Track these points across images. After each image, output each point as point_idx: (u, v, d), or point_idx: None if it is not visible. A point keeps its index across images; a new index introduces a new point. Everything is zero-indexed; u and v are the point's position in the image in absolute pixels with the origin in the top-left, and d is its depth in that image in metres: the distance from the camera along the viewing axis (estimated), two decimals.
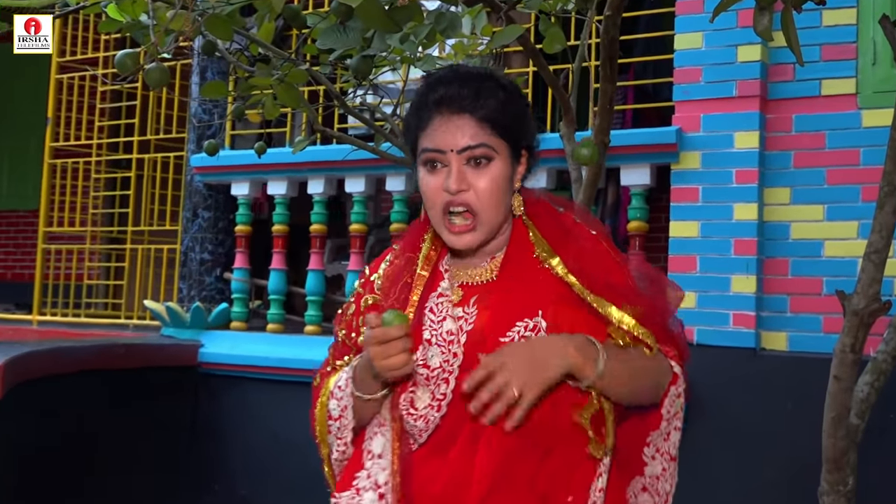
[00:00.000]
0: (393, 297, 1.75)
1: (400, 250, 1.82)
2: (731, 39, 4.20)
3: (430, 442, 1.67)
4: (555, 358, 1.56)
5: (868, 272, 2.06)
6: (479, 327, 1.67)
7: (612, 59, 2.96)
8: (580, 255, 1.72)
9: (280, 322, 5.37)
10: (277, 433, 5.18)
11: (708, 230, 4.21)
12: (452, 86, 1.66)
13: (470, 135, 1.64)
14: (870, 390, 2.30)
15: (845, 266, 4.00)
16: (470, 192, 1.64)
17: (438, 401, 1.65)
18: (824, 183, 4.08)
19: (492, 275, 1.72)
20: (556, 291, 1.68)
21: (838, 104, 4.07)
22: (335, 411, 1.77)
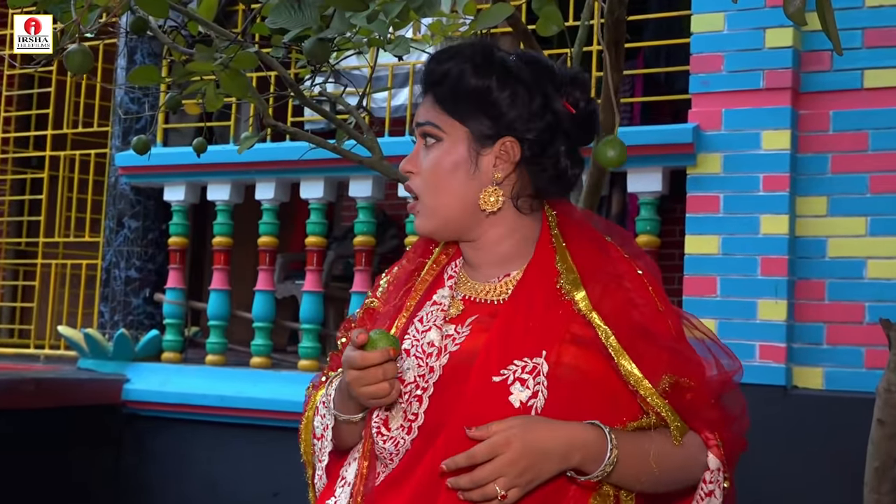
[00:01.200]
0: (392, 302, 1.81)
1: (412, 253, 1.88)
2: (758, 21, 4.25)
3: (396, 469, 1.69)
4: (551, 463, 1.59)
5: None
6: (468, 352, 1.68)
7: (619, 44, 3.00)
8: (615, 294, 1.70)
9: (221, 353, 5.36)
10: (218, 486, 5.17)
11: (730, 246, 4.25)
12: (430, 61, 1.77)
13: (424, 111, 1.75)
14: None
15: (892, 290, 4.05)
16: (418, 176, 1.75)
17: (409, 421, 1.67)
18: (867, 191, 4.13)
19: (501, 296, 1.73)
20: (570, 330, 1.67)
21: (883, 98, 4.12)
22: (318, 430, 1.82)
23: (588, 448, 1.60)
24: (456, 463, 1.57)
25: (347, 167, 5.02)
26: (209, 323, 5.40)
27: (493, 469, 1.55)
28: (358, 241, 5.14)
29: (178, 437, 5.27)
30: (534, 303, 1.69)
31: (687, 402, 1.68)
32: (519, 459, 1.56)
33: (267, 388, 5.05)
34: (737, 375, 1.82)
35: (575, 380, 1.63)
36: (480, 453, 1.56)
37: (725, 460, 1.74)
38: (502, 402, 1.61)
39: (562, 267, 1.72)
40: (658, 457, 1.65)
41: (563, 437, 1.59)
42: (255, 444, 5.10)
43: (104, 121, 6.23)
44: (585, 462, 1.59)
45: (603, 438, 1.60)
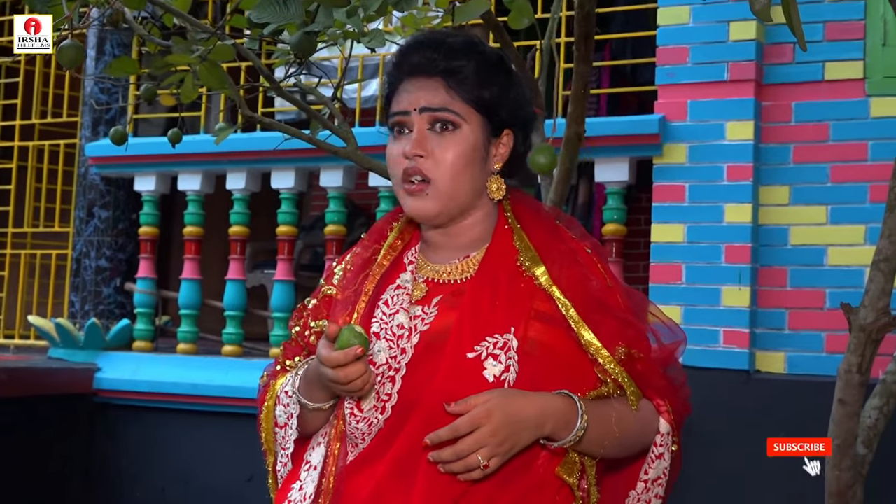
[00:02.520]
0: (351, 288, 1.86)
1: (367, 240, 1.93)
2: (722, 14, 4.34)
3: (366, 449, 1.76)
4: (528, 431, 1.68)
5: (877, 283, 2.18)
6: (438, 331, 1.76)
7: (588, 37, 3.08)
8: (571, 269, 1.82)
9: (193, 342, 5.40)
10: (191, 474, 5.21)
11: (695, 234, 4.34)
12: (427, 49, 1.81)
13: (436, 96, 1.78)
14: (878, 416, 2.42)
15: (851, 276, 4.16)
16: (428, 159, 1.77)
17: (383, 402, 1.74)
18: (827, 181, 4.24)
19: (463, 275, 1.82)
20: (535, 306, 1.78)
21: (844, 91, 4.23)
22: (281, 418, 1.86)
23: (559, 416, 1.70)
24: (439, 436, 1.65)
25: (318, 157, 5.07)
26: (180, 312, 5.43)
27: (475, 440, 1.64)
28: (329, 231, 5.19)
29: (150, 426, 5.30)
30: (498, 280, 1.79)
31: (639, 372, 1.81)
32: (499, 430, 1.65)
33: (239, 376, 5.09)
34: (681, 347, 1.94)
35: (541, 353, 1.74)
36: (463, 426, 1.65)
37: (675, 425, 1.86)
38: (477, 376, 1.70)
39: (520, 246, 1.83)
40: (619, 421, 1.76)
41: (538, 406, 1.69)
42: (227, 432, 5.15)
43: (73, 111, 6.22)
44: (557, 429, 1.70)
45: (573, 406, 1.71)
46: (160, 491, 5.29)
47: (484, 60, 1.81)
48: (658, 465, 1.85)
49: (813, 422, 4.11)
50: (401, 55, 1.85)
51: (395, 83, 1.85)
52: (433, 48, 1.81)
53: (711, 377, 4.25)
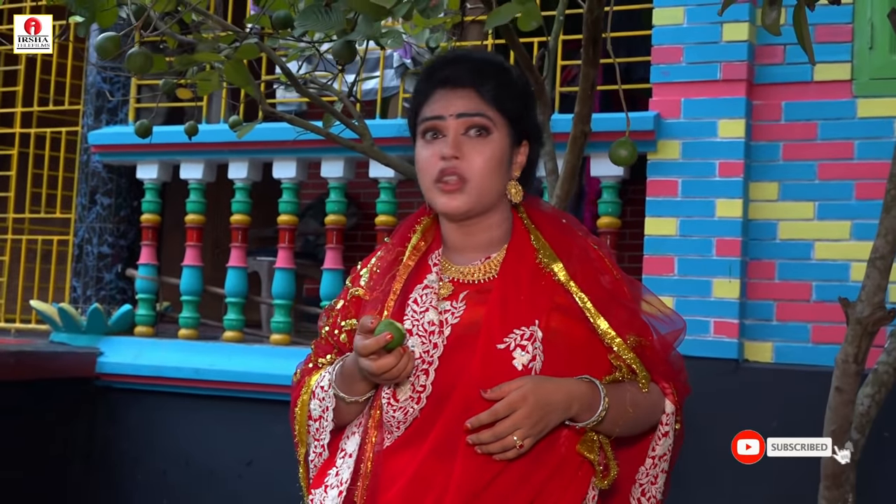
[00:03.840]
0: (379, 289, 2.01)
1: (391, 244, 2.08)
2: (715, 16, 4.44)
3: (403, 435, 1.91)
4: (557, 413, 1.85)
5: (873, 279, 2.33)
6: (468, 323, 1.92)
7: (596, 41, 3.22)
8: (584, 265, 1.99)
9: (194, 327, 5.52)
10: (191, 457, 5.33)
11: (687, 228, 4.50)
12: (459, 64, 1.98)
13: (470, 104, 1.94)
14: (870, 403, 2.58)
15: (837, 270, 4.33)
16: (463, 161, 1.92)
17: (418, 392, 1.89)
18: (815, 178, 4.40)
19: (487, 275, 1.98)
20: (555, 300, 1.94)
21: (831, 91, 4.39)
22: (315, 412, 2.01)
23: (584, 399, 1.87)
24: (479, 420, 1.82)
25: (319, 148, 5.18)
26: (182, 298, 5.54)
27: (512, 422, 1.81)
28: (330, 221, 5.32)
29: (152, 409, 5.41)
30: (521, 277, 1.95)
31: (648, 357, 1.98)
32: (532, 413, 1.81)
33: (240, 361, 5.21)
34: (681, 335, 2.11)
35: (563, 343, 1.91)
36: (502, 409, 1.81)
37: (678, 405, 2.04)
38: (507, 365, 1.86)
39: (537, 244, 2.00)
40: (633, 403, 1.94)
41: (565, 391, 1.86)
42: (228, 416, 5.27)
43: (75, 98, 6.30)
44: (581, 411, 1.87)
45: (595, 390, 1.89)
46: (161, 474, 5.40)
47: (509, 76, 2.00)
48: (664, 442, 2.02)
49: (799, 409, 4.29)
50: (432, 69, 2.00)
51: (426, 93, 1.99)
52: (465, 63, 1.99)
53: (702, 366, 4.40)
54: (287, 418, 2.11)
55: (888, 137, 4.30)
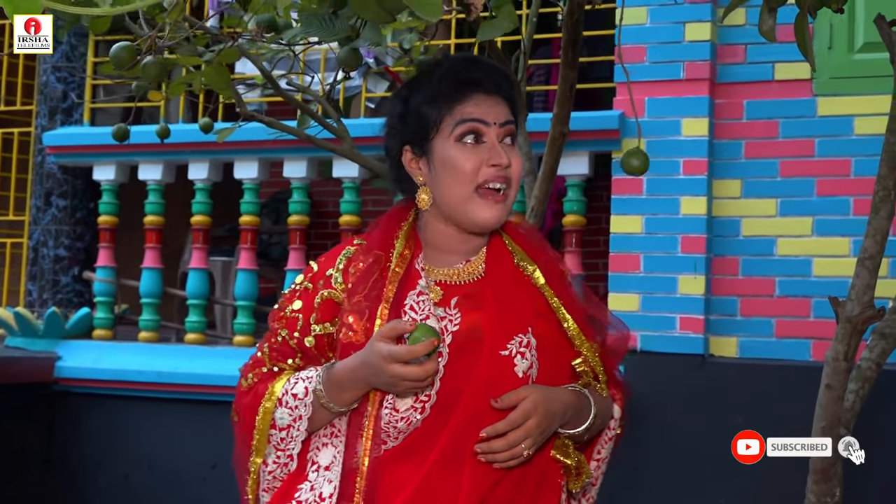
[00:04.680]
0: (361, 293, 1.94)
1: (367, 246, 2.01)
2: (678, 16, 4.55)
3: (400, 445, 1.88)
4: (557, 422, 1.89)
5: (862, 278, 2.39)
6: (468, 330, 1.91)
7: (576, 44, 3.25)
8: (554, 271, 2.03)
9: (154, 329, 5.46)
10: (154, 461, 5.28)
11: (653, 226, 4.56)
12: (485, 69, 1.98)
13: (505, 111, 1.95)
14: (855, 398, 2.64)
15: (799, 266, 4.42)
16: (508, 169, 1.92)
17: (423, 402, 1.86)
18: (777, 175, 4.49)
19: (471, 276, 1.98)
20: (537, 306, 1.97)
21: (793, 90, 4.48)
22: (283, 420, 1.91)
23: (574, 409, 1.92)
24: (496, 429, 1.83)
25: (281, 148, 5.16)
26: (142, 300, 5.48)
27: (525, 431, 1.83)
28: (293, 221, 5.30)
29: (113, 413, 5.34)
30: (507, 281, 1.97)
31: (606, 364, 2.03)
32: (542, 422, 1.85)
33: (203, 363, 5.17)
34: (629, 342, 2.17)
35: (549, 350, 1.94)
36: (517, 418, 1.83)
37: (623, 411, 2.09)
38: (510, 372, 1.88)
39: (512, 248, 2.02)
40: (598, 409, 1.97)
41: (563, 400, 1.90)
42: (191, 419, 5.22)
43: (27, 98, 6.20)
44: (572, 420, 1.92)
45: (582, 399, 1.94)
46: (124, 478, 5.34)
47: (517, 89, 2.03)
48: (609, 446, 2.07)
49: (764, 403, 4.38)
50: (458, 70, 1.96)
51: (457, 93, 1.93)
52: (490, 70, 1.99)
53: (668, 361, 4.48)
54: None
55: (847, 135, 4.40)
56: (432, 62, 2.08)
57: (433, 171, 1.94)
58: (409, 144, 1.97)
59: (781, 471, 4.23)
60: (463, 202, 1.91)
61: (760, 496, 4.31)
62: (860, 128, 4.38)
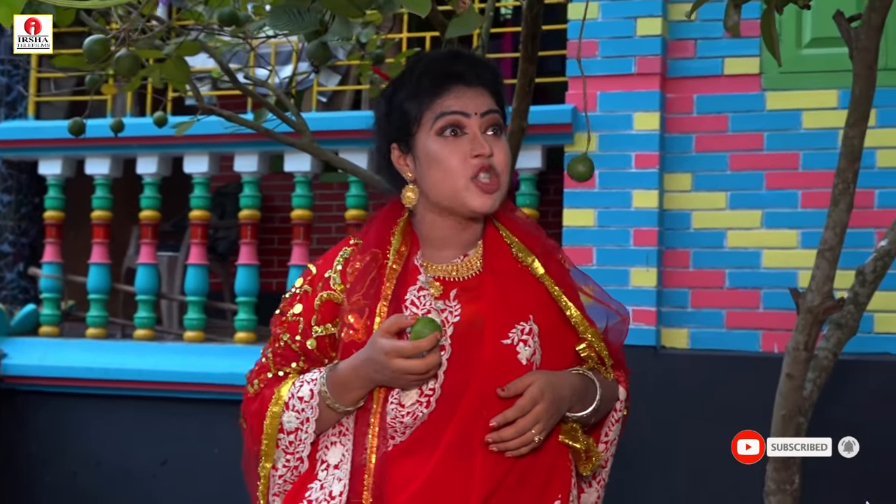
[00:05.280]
0: (360, 291, 1.95)
1: (364, 245, 2.01)
2: (629, 11, 4.60)
3: (407, 440, 1.88)
4: (565, 406, 1.90)
5: (822, 270, 2.44)
6: (469, 320, 1.92)
7: (535, 37, 3.27)
8: (553, 260, 2.03)
9: (102, 326, 5.40)
10: (102, 458, 5.22)
11: (605, 219, 4.60)
12: (467, 62, 1.98)
13: (487, 101, 1.95)
14: (812, 387, 2.70)
15: (749, 258, 4.49)
16: (493, 158, 1.92)
17: (427, 396, 1.86)
18: (727, 169, 4.55)
19: (470, 272, 1.98)
20: (538, 294, 1.98)
21: (742, 84, 4.54)
22: (290, 424, 1.92)
23: (580, 392, 1.93)
24: (506, 417, 1.84)
25: (231, 142, 5.12)
26: (89, 296, 5.42)
27: (534, 417, 1.84)
28: (244, 216, 5.27)
29: (61, 411, 5.28)
30: (507, 272, 1.97)
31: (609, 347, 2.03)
32: (550, 406, 1.85)
33: (152, 359, 5.13)
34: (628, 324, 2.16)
35: (552, 337, 1.94)
36: (526, 404, 1.84)
37: (628, 392, 2.10)
38: (514, 360, 1.89)
39: (510, 240, 2.01)
40: (606, 393, 1.99)
41: (569, 384, 1.92)
42: (141, 416, 5.18)
43: None
44: (578, 403, 1.92)
45: (588, 383, 1.95)
46: (71, 476, 5.28)
47: (502, 81, 2.03)
48: (616, 428, 2.08)
49: (715, 393, 4.45)
50: (439, 64, 1.97)
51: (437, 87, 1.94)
52: (472, 62, 1.99)
53: None
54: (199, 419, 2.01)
55: (796, 129, 4.48)
56: (415, 58, 2.07)
57: (420, 166, 1.94)
58: (395, 142, 1.98)
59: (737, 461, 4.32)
60: (456, 193, 1.92)
61: (714, 485, 4.38)
62: (808, 122, 4.46)
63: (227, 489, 5.00)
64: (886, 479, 4.02)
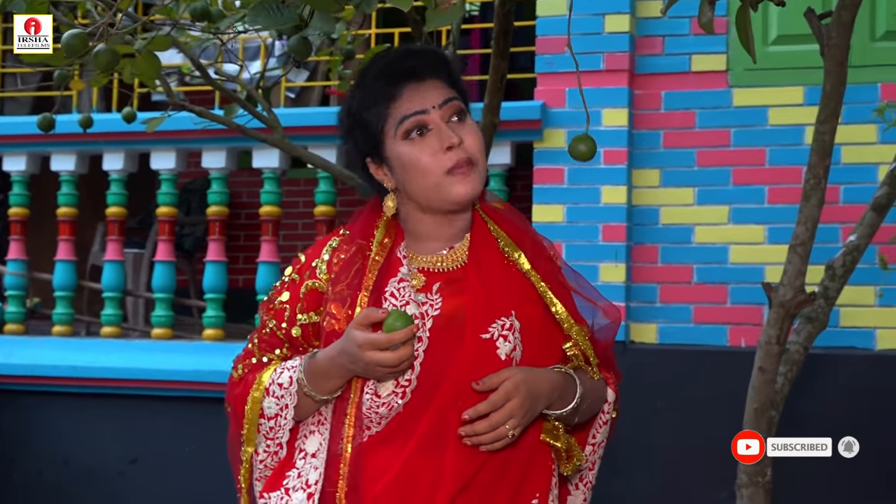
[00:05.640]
0: (344, 281, 1.97)
1: (350, 237, 2.03)
2: (597, 7, 4.62)
3: (382, 431, 1.90)
4: (542, 403, 1.89)
5: (794, 264, 2.47)
6: (449, 314, 1.92)
7: (507, 34, 3.28)
8: (541, 255, 2.03)
9: (68, 323, 5.36)
10: (70, 456, 5.18)
11: (574, 215, 4.62)
12: (418, 56, 1.98)
13: (444, 92, 1.95)
14: (784, 381, 2.73)
15: (716, 253, 4.53)
16: (464, 145, 1.91)
17: (403, 387, 1.88)
18: (694, 165, 4.59)
19: (455, 263, 1.98)
20: (523, 290, 1.97)
21: (709, 81, 4.58)
22: (270, 410, 1.95)
23: (560, 389, 1.92)
24: (478, 411, 1.83)
25: (199, 138, 5.09)
26: (55, 294, 5.38)
27: (508, 412, 1.84)
28: (212, 212, 5.24)
29: (27, 409, 5.23)
30: (492, 266, 1.96)
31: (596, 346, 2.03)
32: (525, 402, 1.85)
33: (119, 357, 5.10)
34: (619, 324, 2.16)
35: (534, 334, 1.94)
36: (498, 399, 1.83)
37: (617, 394, 2.11)
38: (492, 355, 1.88)
39: (497, 234, 2.01)
40: (591, 392, 1.99)
41: (548, 381, 1.91)
42: (109, 413, 5.14)
43: None
44: (558, 401, 1.91)
45: (569, 381, 1.94)
46: (38, 474, 5.23)
47: (456, 65, 2.03)
48: (604, 430, 2.08)
49: (683, 388, 4.49)
50: (389, 65, 1.97)
51: (392, 90, 1.94)
52: (422, 55, 1.98)
53: None
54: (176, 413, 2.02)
55: (762, 125, 4.53)
56: (365, 65, 2.07)
57: (396, 173, 1.95)
58: (367, 156, 1.98)
59: (706, 455, 4.36)
60: (437, 189, 1.92)
61: (684, 479, 4.42)
62: (774, 118, 4.50)
63: (197, 487, 4.99)
64: (856, 471, 4.06)
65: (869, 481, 4.18)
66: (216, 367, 4.79)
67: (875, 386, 4.28)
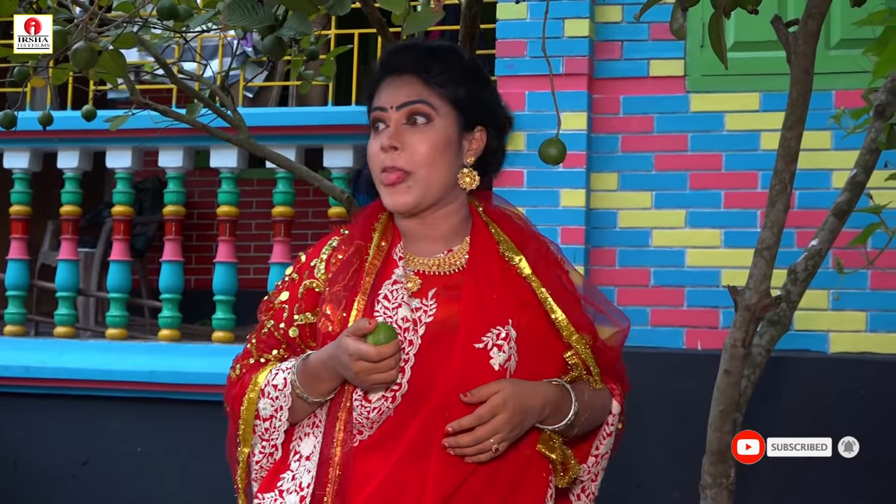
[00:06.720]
0: (341, 282, 1.95)
1: (349, 237, 2.01)
2: (557, 12, 4.64)
3: (374, 436, 1.87)
4: (532, 418, 1.86)
5: (759, 268, 2.48)
6: (443, 321, 1.89)
7: (473, 37, 3.28)
8: (544, 260, 2.00)
9: (21, 323, 5.28)
10: (21, 458, 5.11)
11: (533, 217, 4.49)
12: (407, 52, 1.97)
13: (412, 92, 1.92)
14: (747, 384, 2.75)
15: (673, 256, 4.57)
16: (404, 152, 1.89)
17: (393, 392, 1.84)
18: (652, 169, 4.62)
19: (452, 268, 1.95)
20: (522, 296, 1.94)
21: (666, 86, 4.62)
22: (266, 411, 1.93)
23: (554, 404, 1.88)
24: (461, 424, 1.81)
25: (156, 137, 5.03)
26: (7, 293, 5.29)
27: (493, 427, 1.81)
28: (169, 211, 5.20)
29: None
30: (491, 272, 1.93)
31: (600, 356, 2.00)
32: (512, 418, 1.82)
33: (72, 357, 5.04)
34: (627, 333, 2.15)
35: (532, 342, 1.90)
36: (485, 414, 1.81)
37: (622, 406, 2.08)
38: (485, 365, 1.85)
39: (498, 237, 1.98)
40: (590, 403, 1.95)
41: (540, 395, 1.87)
42: (61, 415, 5.07)
43: None
44: (552, 415, 1.88)
45: (564, 394, 1.90)
46: None
47: (458, 62, 1.97)
48: (608, 441, 2.05)
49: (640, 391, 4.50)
50: (383, 59, 1.99)
51: (376, 83, 1.97)
52: (413, 51, 1.97)
53: None
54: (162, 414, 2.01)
55: (719, 131, 4.57)
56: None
57: None
58: None
59: (662, 455, 4.39)
60: (378, 189, 1.94)
61: (648, 480, 4.44)
62: (730, 124, 4.55)
63: (150, 488, 4.94)
64: (819, 472, 4.11)
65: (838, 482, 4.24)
66: (172, 367, 4.76)
67: (830, 388, 4.35)
